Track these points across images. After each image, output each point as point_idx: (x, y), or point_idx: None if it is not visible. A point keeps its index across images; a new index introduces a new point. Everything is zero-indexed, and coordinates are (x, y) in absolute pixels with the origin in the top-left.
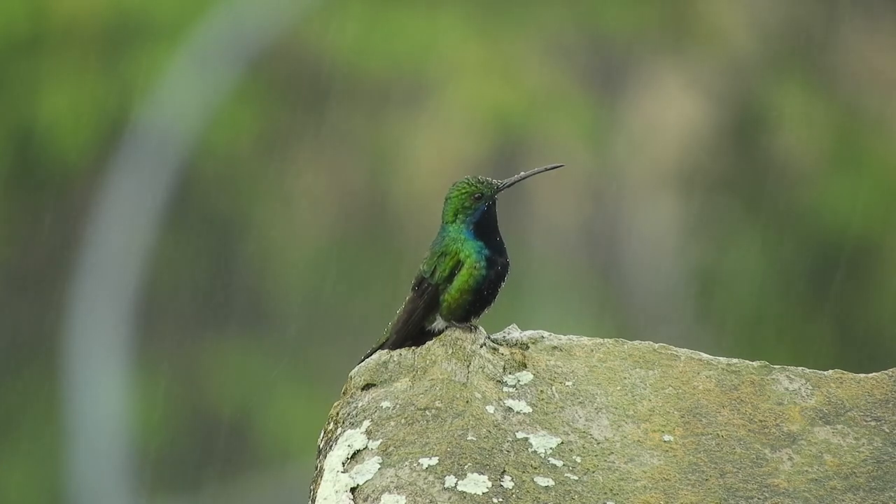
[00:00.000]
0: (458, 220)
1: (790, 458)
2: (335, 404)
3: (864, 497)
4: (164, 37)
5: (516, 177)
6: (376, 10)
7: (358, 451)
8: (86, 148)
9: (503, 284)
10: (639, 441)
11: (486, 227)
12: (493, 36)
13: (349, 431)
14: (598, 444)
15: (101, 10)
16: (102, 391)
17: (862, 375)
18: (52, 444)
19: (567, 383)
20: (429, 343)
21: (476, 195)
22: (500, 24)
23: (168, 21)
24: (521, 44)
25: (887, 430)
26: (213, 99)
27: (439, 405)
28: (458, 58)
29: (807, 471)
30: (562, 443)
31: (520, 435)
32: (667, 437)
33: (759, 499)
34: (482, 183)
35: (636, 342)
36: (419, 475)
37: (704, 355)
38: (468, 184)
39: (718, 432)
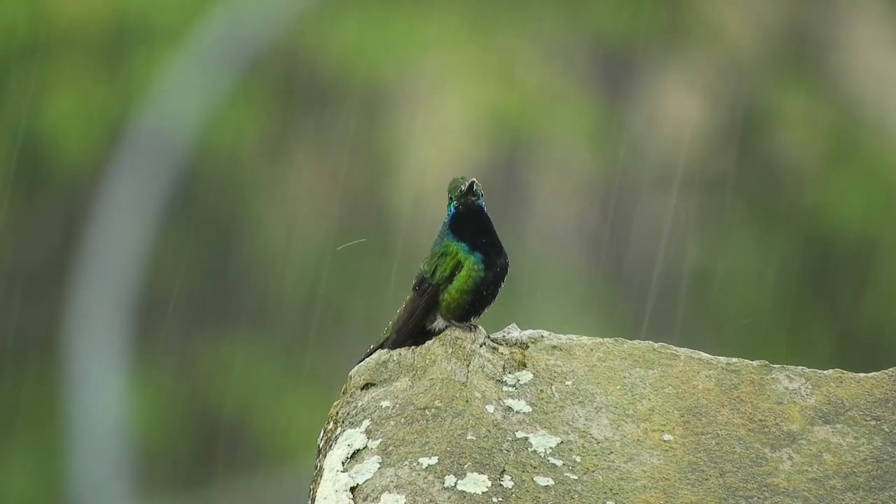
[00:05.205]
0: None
1: (790, 458)
2: (335, 404)
3: (864, 496)
4: (164, 40)
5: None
6: (374, 11)
7: (358, 450)
8: (87, 150)
9: (503, 285)
10: (639, 440)
11: (462, 229)
12: (490, 37)
13: (349, 431)
14: (598, 443)
15: (102, 14)
16: (102, 390)
17: (862, 375)
18: (52, 444)
19: (567, 383)
20: (428, 342)
21: (449, 197)
22: (498, 25)
23: (168, 24)
24: (520, 44)
25: (887, 430)
26: (212, 101)
27: (439, 405)
28: (455, 59)
29: (806, 470)
30: (561, 442)
31: (519, 434)
32: (666, 437)
33: (759, 498)
34: (453, 188)
35: (636, 342)
36: (419, 474)
37: (704, 355)
38: (449, 186)
39: (718, 432)
